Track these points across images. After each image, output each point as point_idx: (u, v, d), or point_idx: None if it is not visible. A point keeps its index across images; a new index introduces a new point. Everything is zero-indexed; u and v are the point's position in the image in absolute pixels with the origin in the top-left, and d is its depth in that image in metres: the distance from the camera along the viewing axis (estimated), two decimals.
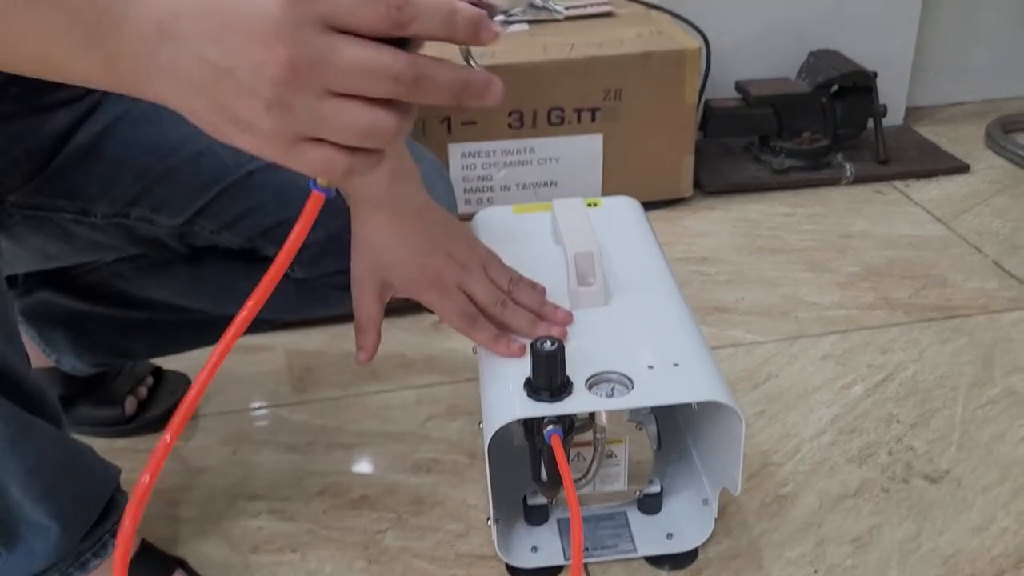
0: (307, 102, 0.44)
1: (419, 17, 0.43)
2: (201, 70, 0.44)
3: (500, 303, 0.78)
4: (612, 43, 1.40)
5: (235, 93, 0.44)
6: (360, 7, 0.42)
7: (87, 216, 0.81)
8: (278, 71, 0.42)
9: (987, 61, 1.81)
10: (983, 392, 1.03)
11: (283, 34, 0.42)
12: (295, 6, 0.42)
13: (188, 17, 0.43)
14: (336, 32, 0.43)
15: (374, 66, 0.43)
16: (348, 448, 0.99)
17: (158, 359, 1.10)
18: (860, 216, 1.43)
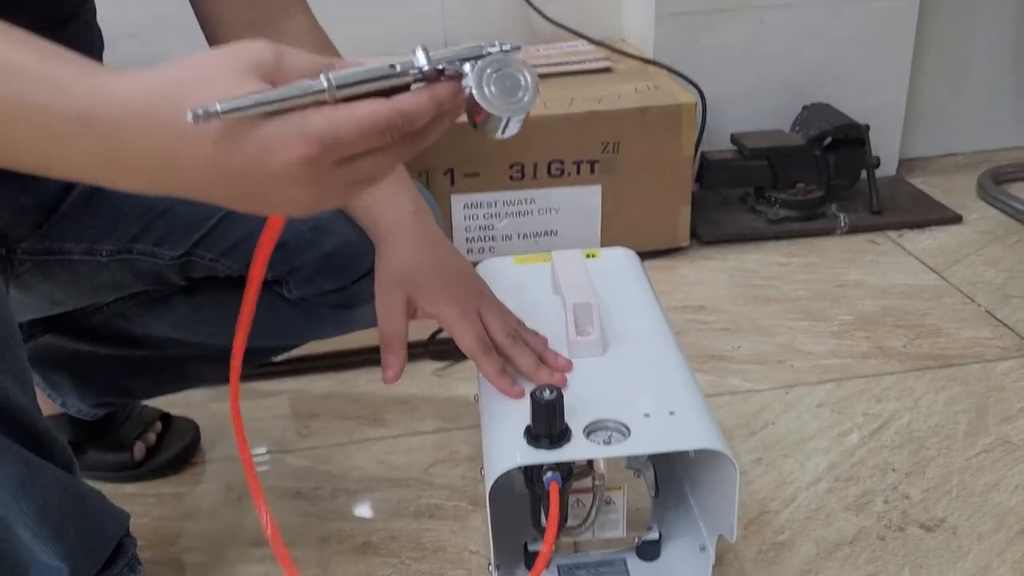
0: (337, 191, 0.51)
1: (416, 123, 0.50)
2: (216, 199, 0.50)
3: (511, 336, 0.81)
4: (610, 98, 1.44)
5: (268, 205, 0.51)
6: (368, 143, 0.49)
7: (93, 255, 0.84)
8: (306, 201, 0.50)
9: (977, 113, 1.85)
10: (977, 441, 1.04)
11: (310, 181, 0.49)
12: (312, 165, 0.48)
13: (189, 169, 0.48)
14: (350, 159, 0.49)
15: (387, 165, 0.51)
16: (352, 494, 1.01)
17: (166, 405, 1.12)
18: (854, 266, 1.46)
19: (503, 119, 0.52)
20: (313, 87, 0.48)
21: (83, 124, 0.47)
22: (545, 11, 1.68)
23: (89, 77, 0.48)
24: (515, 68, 0.52)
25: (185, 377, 1.02)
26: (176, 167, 0.48)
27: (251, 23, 0.82)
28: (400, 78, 0.50)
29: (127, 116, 0.47)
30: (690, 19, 1.60)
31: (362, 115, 0.48)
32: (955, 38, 1.77)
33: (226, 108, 0.46)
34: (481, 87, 0.51)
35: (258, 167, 0.47)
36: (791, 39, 1.64)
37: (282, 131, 0.47)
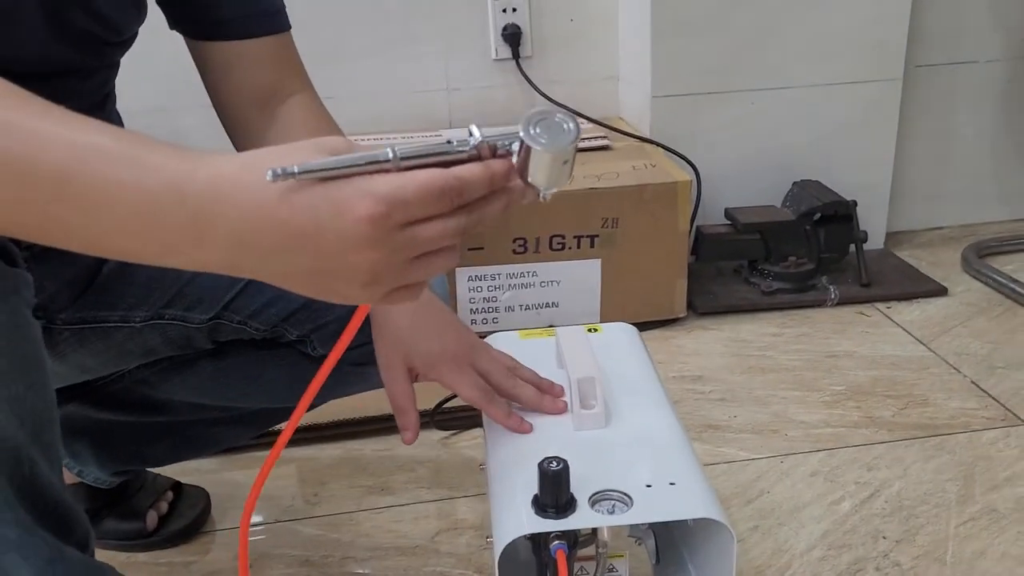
0: (395, 273, 0.54)
1: (471, 193, 0.54)
2: (289, 270, 0.53)
3: (509, 377, 0.86)
4: (609, 175, 1.50)
5: (329, 280, 0.53)
6: (430, 207, 0.52)
7: (127, 322, 0.88)
8: (371, 267, 0.52)
9: (961, 188, 1.92)
10: (965, 509, 1.08)
11: (374, 244, 0.52)
12: (380, 223, 0.51)
13: (264, 237, 0.51)
14: (412, 223, 0.52)
15: (447, 234, 0.54)
16: (361, 562, 1.03)
17: (178, 473, 1.15)
18: (845, 337, 1.51)
19: (550, 162, 0.56)
20: (379, 156, 0.53)
21: (177, 199, 0.50)
22: (547, 91, 1.76)
23: (180, 157, 0.52)
24: (560, 118, 0.57)
25: (205, 442, 1.05)
26: (256, 236, 0.51)
27: (262, 102, 0.87)
28: (456, 154, 0.55)
29: (217, 190, 0.51)
30: (685, 100, 1.67)
31: (422, 178, 0.52)
32: (938, 119, 1.85)
33: (302, 169, 0.51)
34: (528, 129, 0.56)
35: (330, 228, 0.51)
36: (781, 120, 1.71)
37: (352, 192, 0.51)
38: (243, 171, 0.52)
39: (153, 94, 1.63)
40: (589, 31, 1.78)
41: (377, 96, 1.76)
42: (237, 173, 0.52)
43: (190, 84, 0.89)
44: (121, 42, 0.80)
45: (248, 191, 0.51)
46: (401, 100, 1.77)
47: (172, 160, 0.51)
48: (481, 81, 1.78)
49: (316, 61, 0.94)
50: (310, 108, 0.89)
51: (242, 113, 0.87)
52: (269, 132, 0.87)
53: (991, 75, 1.84)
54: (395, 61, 1.75)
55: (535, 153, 0.56)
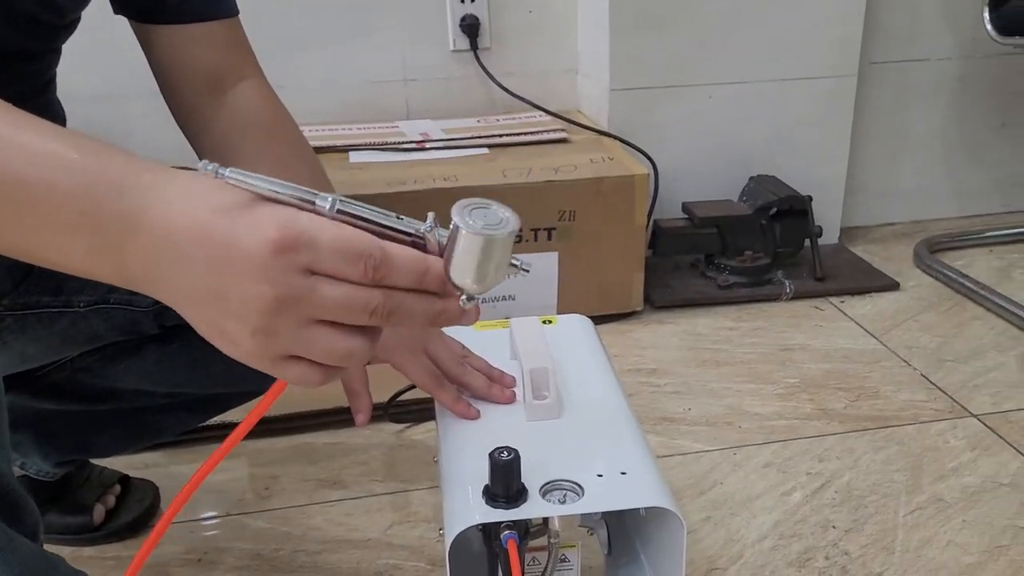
0: (289, 331, 0.50)
1: (392, 276, 0.50)
2: (196, 288, 0.50)
3: (459, 364, 0.86)
4: (567, 168, 1.50)
5: (225, 315, 0.50)
6: (341, 264, 0.49)
7: (71, 307, 0.86)
8: (264, 306, 0.48)
9: (914, 185, 1.95)
10: (913, 499, 1.09)
11: (270, 276, 0.48)
12: (283, 254, 0.48)
13: (182, 242, 0.49)
14: (318, 275, 0.49)
15: (351, 304, 0.50)
16: (312, 555, 1.02)
17: (125, 467, 1.13)
18: (799, 331, 1.52)
19: (480, 249, 0.51)
20: (317, 197, 0.50)
21: (116, 192, 0.49)
22: (505, 83, 1.75)
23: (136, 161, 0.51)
24: (497, 207, 0.53)
25: (152, 430, 1.03)
26: (178, 243, 0.49)
27: (210, 87, 0.86)
28: (398, 231, 0.51)
29: (158, 190, 0.50)
30: (642, 94, 1.68)
31: (346, 232, 0.49)
32: (891, 116, 1.88)
33: (233, 175, 0.49)
34: (462, 215, 0.51)
35: (240, 243, 0.48)
36: (738, 115, 1.72)
37: (272, 214, 0.49)
38: (185, 179, 0.51)
39: (99, 81, 1.60)
40: (548, 23, 1.78)
41: (334, 86, 1.75)
42: (180, 179, 0.51)
43: (136, 70, 0.87)
44: (64, 26, 0.79)
45: (182, 195, 0.50)
46: (358, 90, 1.76)
47: (122, 162, 0.51)
48: (439, 72, 1.77)
49: (272, 50, 0.93)
50: (260, 94, 0.88)
51: (190, 98, 0.86)
52: (219, 118, 0.86)
53: (943, 73, 1.87)
54: (352, 51, 1.73)
55: (466, 238, 0.51)
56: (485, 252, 0.52)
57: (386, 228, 0.51)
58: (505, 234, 0.52)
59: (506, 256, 0.53)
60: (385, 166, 1.55)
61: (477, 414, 0.84)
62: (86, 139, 0.52)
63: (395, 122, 1.74)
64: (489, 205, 0.53)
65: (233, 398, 1.04)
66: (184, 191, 0.50)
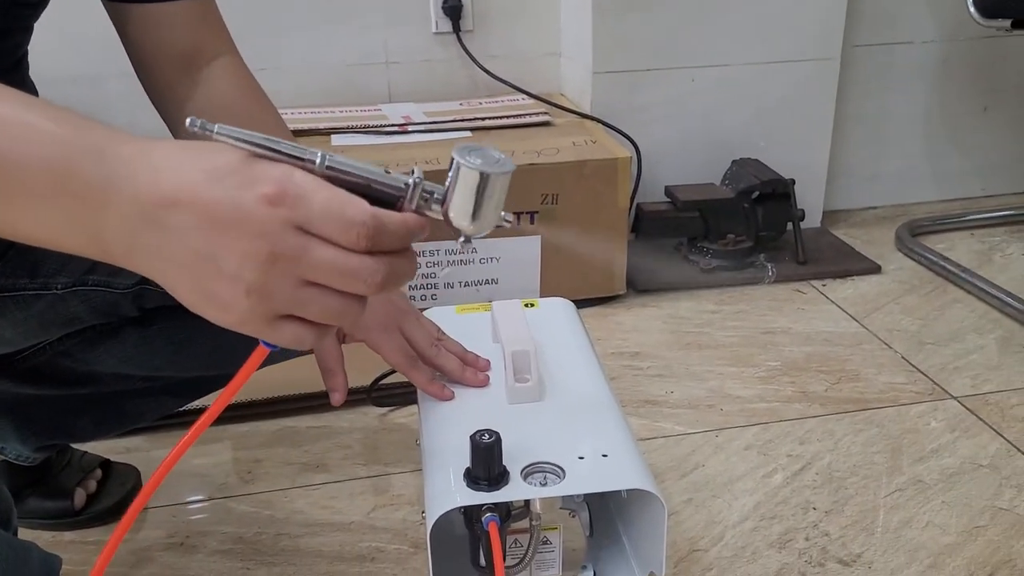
0: (284, 289, 0.49)
1: (384, 241, 0.50)
2: (184, 254, 0.49)
3: (433, 346, 0.87)
4: (549, 151, 1.50)
5: (217, 277, 0.49)
6: (333, 227, 0.49)
7: (48, 290, 0.85)
8: (260, 263, 0.48)
9: (896, 169, 1.96)
10: (892, 480, 1.10)
11: (266, 230, 0.48)
12: (278, 209, 0.48)
13: (172, 206, 0.49)
14: (311, 235, 0.49)
15: (344, 269, 0.50)
16: (295, 538, 1.02)
17: (107, 451, 1.13)
18: (781, 314, 1.53)
19: (478, 186, 0.52)
20: (305, 152, 0.50)
21: (96, 157, 0.49)
22: (487, 66, 1.75)
23: (114, 129, 0.50)
24: (495, 150, 0.54)
25: (132, 414, 1.02)
26: (162, 210, 0.49)
27: (184, 65, 0.85)
28: (386, 185, 0.52)
29: (142, 153, 0.49)
30: (625, 77, 1.67)
31: (341, 197, 0.49)
32: (874, 100, 1.88)
33: (221, 130, 0.49)
34: (463, 155, 0.53)
35: (231, 199, 0.48)
36: (721, 98, 1.72)
37: (267, 170, 0.49)
38: (169, 144, 0.50)
39: (76, 62, 1.58)
40: (531, 6, 1.77)
41: (314, 69, 1.73)
42: (163, 144, 0.50)
43: (113, 50, 0.86)
44: (34, 4, 0.78)
45: (170, 159, 0.50)
46: (339, 73, 1.74)
47: (101, 132, 0.50)
48: (421, 55, 1.76)
49: (251, 32, 0.92)
50: (235, 71, 0.87)
51: (164, 77, 0.85)
52: (194, 97, 0.85)
53: (926, 56, 1.87)
54: (333, 33, 1.72)
55: (465, 174, 0.52)
56: (483, 190, 0.53)
57: (374, 183, 0.52)
58: (503, 172, 0.53)
59: (503, 196, 0.54)
60: (367, 149, 1.54)
61: (451, 395, 0.85)
62: (64, 110, 0.51)
63: (377, 105, 1.73)
64: (486, 149, 0.54)
65: (216, 381, 1.04)
66: (170, 156, 0.50)
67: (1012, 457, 1.14)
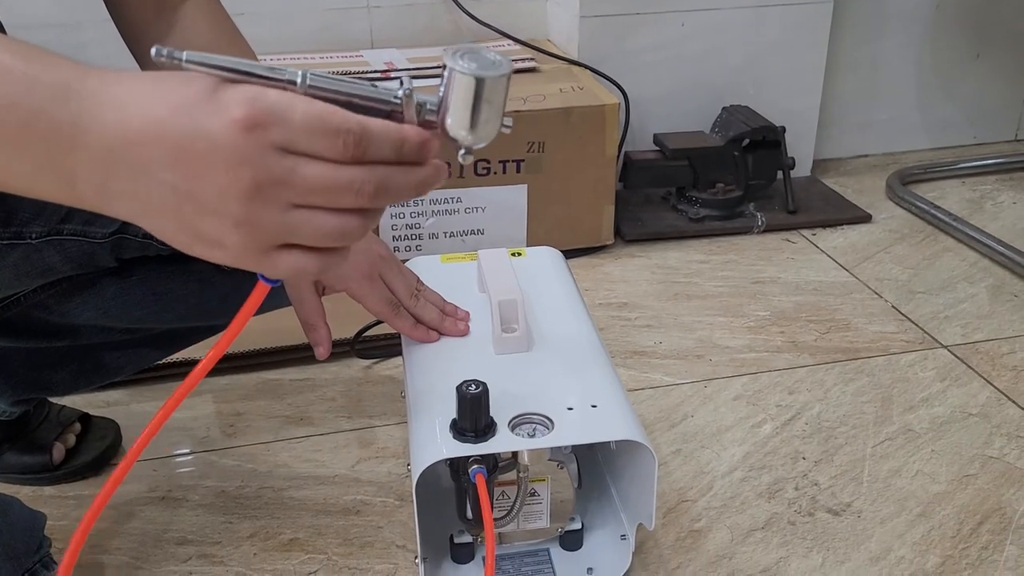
0: (274, 216, 0.46)
1: (372, 148, 0.47)
2: (161, 193, 0.46)
3: (413, 296, 0.86)
4: (535, 98, 1.46)
5: (200, 213, 0.46)
6: (317, 140, 0.46)
7: (22, 239, 0.82)
8: (243, 193, 0.45)
9: (887, 117, 1.93)
10: (882, 430, 1.09)
11: (244, 158, 0.45)
12: (252, 132, 0.45)
13: (140, 144, 0.46)
14: (295, 154, 0.46)
15: (335, 183, 0.47)
16: (278, 491, 1.01)
17: (86, 405, 1.11)
18: (770, 263, 1.51)
19: (476, 93, 0.49)
20: (286, 73, 0.47)
21: (63, 95, 0.46)
22: (472, 11, 1.70)
23: (77, 63, 0.47)
24: (489, 51, 0.51)
25: (111, 367, 1.00)
26: (131, 147, 0.46)
27: (157, 7, 0.82)
28: (376, 101, 0.49)
29: (106, 89, 0.46)
30: (614, 21, 1.63)
31: (318, 107, 0.46)
32: (866, 47, 1.85)
33: (191, 57, 0.45)
34: (454, 58, 0.49)
35: (203, 130, 0.45)
36: (711, 43, 1.68)
37: (235, 94, 0.45)
38: (136, 78, 0.48)
39: (52, 8, 1.53)
40: None
41: (292, 13, 1.68)
42: (130, 79, 0.48)
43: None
44: None
45: (134, 94, 0.47)
46: (317, 18, 1.69)
47: (65, 67, 0.47)
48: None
49: None
50: (212, 11, 0.84)
51: (138, 17, 0.82)
52: (170, 39, 0.82)
53: (919, 1, 1.83)
54: None
55: (459, 80, 0.49)
56: (480, 95, 0.49)
57: (362, 99, 0.48)
58: (499, 74, 0.50)
59: (501, 101, 0.51)
60: None
61: (437, 337, 0.85)
62: (23, 45, 0.48)
63: (359, 51, 1.69)
64: (479, 49, 0.51)
65: (198, 332, 1.01)
66: (136, 90, 0.47)
67: (1002, 406, 1.13)
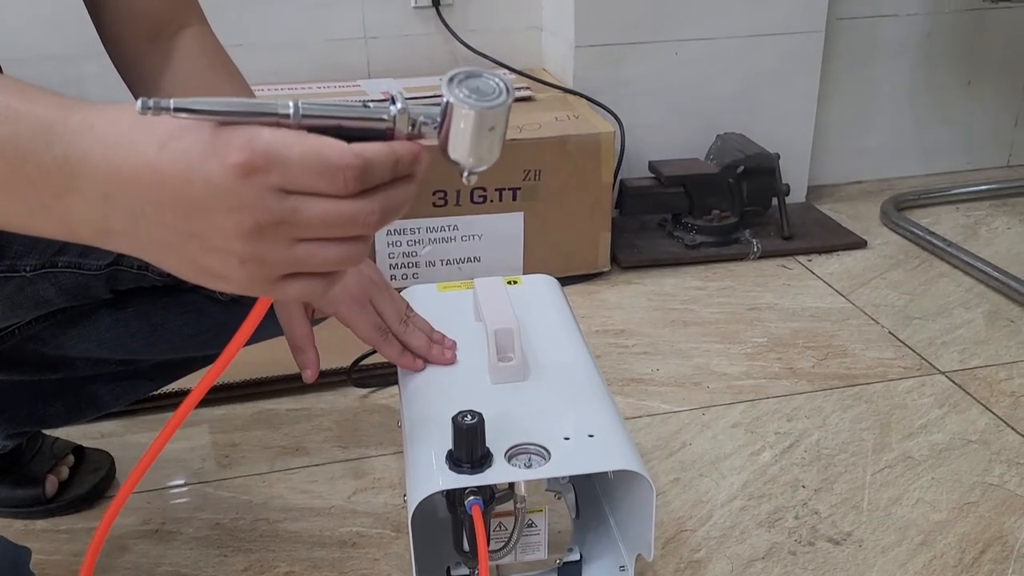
0: (279, 252, 0.47)
1: (373, 179, 0.47)
2: (162, 234, 0.46)
3: (403, 322, 0.86)
4: (531, 127, 1.47)
5: (205, 251, 0.46)
6: (317, 178, 0.45)
7: (16, 272, 0.82)
8: (246, 234, 0.45)
9: (880, 143, 1.94)
10: (881, 457, 1.09)
11: (244, 202, 0.45)
12: (251, 177, 0.45)
13: (134, 185, 0.46)
14: (296, 194, 0.46)
15: (339, 218, 0.46)
16: (273, 523, 1.00)
17: (80, 437, 1.10)
18: (767, 290, 1.51)
19: (476, 125, 0.48)
20: (276, 107, 0.46)
21: (45, 140, 0.46)
22: (468, 41, 1.71)
23: (58, 102, 0.47)
24: (489, 76, 0.49)
25: (105, 399, 0.99)
26: (125, 187, 0.46)
27: (152, 35, 0.82)
28: (370, 120, 0.48)
29: (91, 130, 0.46)
30: (608, 51, 1.64)
31: (314, 144, 0.46)
32: (859, 73, 1.86)
33: (178, 105, 0.45)
34: (452, 88, 0.48)
35: (200, 176, 0.45)
36: (705, 71, 1.69)
37: (231, 137, 0.45)
38: (121, 113, 0.47)
39: (51, 41, 1.53)
40: None
41: (290, 45, 1.69)
42: (115, 114, 0.47)
43: (88, 29, 0.83)
44: None
45: (122, 133, 0.46)
46: (316, 49, 1.70)
47: (47, 104, 0.47)
48: (400, 30, 1.72)
49: (226, 6, 0.88)
50: (206, 42, 0.84)
51: (132, 48, 0.82)
52: (165, 69, 0.82)
53: (911, 29, 1.85)
54: (309, 7, 1.68)
55: (459, 113, 0.48)
56: (482, 126, 0.48)
57: (355, 120, 0.48)
58: (500, 104, 0.49)
59: (503, 126, 0.50)
60: None
61: (423, 366, 0.85)
62: (8, 81, 0.48)
63: (356, 81, 1.70)
64: (480, 74, 0.49)
65: (193, 363, 1.01)
66: (122, 127, 0.46)
67: (1001, 432, 1.13)
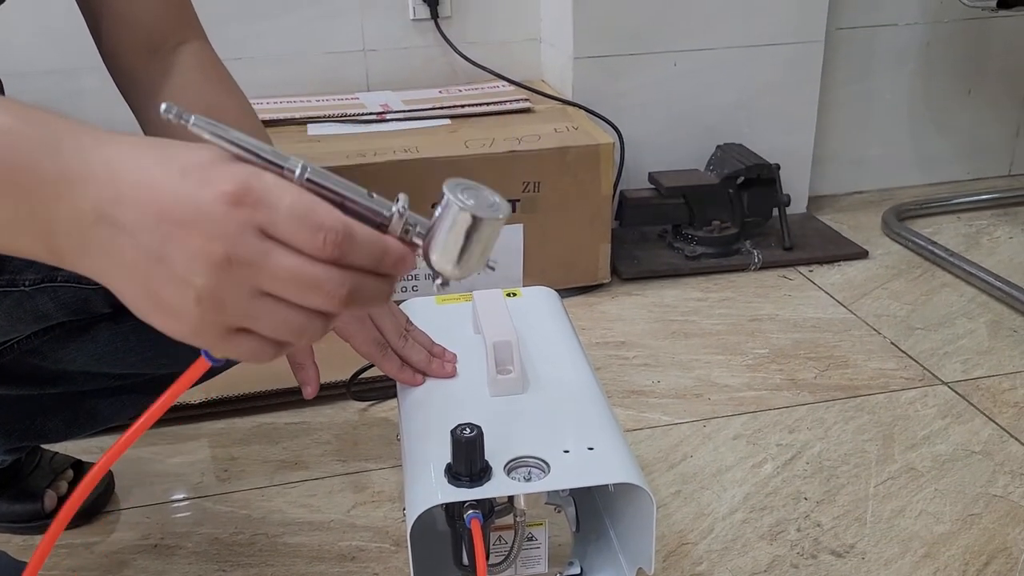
0: (238, 299, 0.46)
1: (352, 253, 0.46)
2: (133, 254, 0.46)
3: (402, 336, 0.85)
4: (530, 138, 1.47)
5: (166, 280, 0.46)
6: (298, 230, 0.45)
7: (15, 286, 0.82)
8: (212, 264, 0.44)
9: (881, 153, 1.94)
10: (884, 468, 1.08)
11: (222, 231, 0.44)
12: (238, 209, 0.44)
13: (129, 203, 0.45)
14: (274, 240, 0.45)
15: (304, 278, 0.46)
16: (272, 538, 0.99)
17: (79, 452, 1.09)
18: (768, 300, 1.50)
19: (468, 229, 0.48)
20: (288, 161, 0.46)
21: (53, 150, 0.46)
22: (466, 53, 1.71)
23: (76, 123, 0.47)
24: (489, 192, 0.50)
25: (104, 414, 0.99)
26: (121, 207, 0.46)
27: (151, 50, 0.82)
28: (368, 209, 0.48)
29: (100, 148, 0.46)
30: (607, 62, 1.64)
31: (306, 201, 0.46)
32: (858, 83, 1.86)
33: (199, 122, 0.45)
34: (455, 194, 0.49)
35: (190, 195, 0.45)
36: (704, 82, 1.69)
37: (231, 170, 0.45)
38: (134, 139, 0.47)
39: (51, 55, 1.54)
40: None
41: (289, 58, 1.70)
42: (128, 139, 0.47)
43: (87, 44, 0.83)
44: None
45: (131, 154, 0.46)
46: (315, 62, 1.71)
47: (64, 120, 0.47)
48: (399, 42, 1.73)
49: (225, 20, 0.89)
50: (205, 57, 0.84)
51: (131, 63, 0.82)
52: (163, 84, 0.82)
53: (910, 38, 1.85)
54: (308, 20, 1.68)
55: (455, 214, 0.48)
56: (473, 233, 0.49)
57: (354, 203, 0.48)
58: (497, 217, 0.49)
59: (491, 243, 0.50)
60: (345, 138, 1.50)
61: (422, 381, 0.84)
62: (19, 104, 0.48)
63: (355, 93, 1.70)
64: (480, 188, 0.50)
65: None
66: (134, 152, 0.47)
67: (1005, 443, 1.12)
